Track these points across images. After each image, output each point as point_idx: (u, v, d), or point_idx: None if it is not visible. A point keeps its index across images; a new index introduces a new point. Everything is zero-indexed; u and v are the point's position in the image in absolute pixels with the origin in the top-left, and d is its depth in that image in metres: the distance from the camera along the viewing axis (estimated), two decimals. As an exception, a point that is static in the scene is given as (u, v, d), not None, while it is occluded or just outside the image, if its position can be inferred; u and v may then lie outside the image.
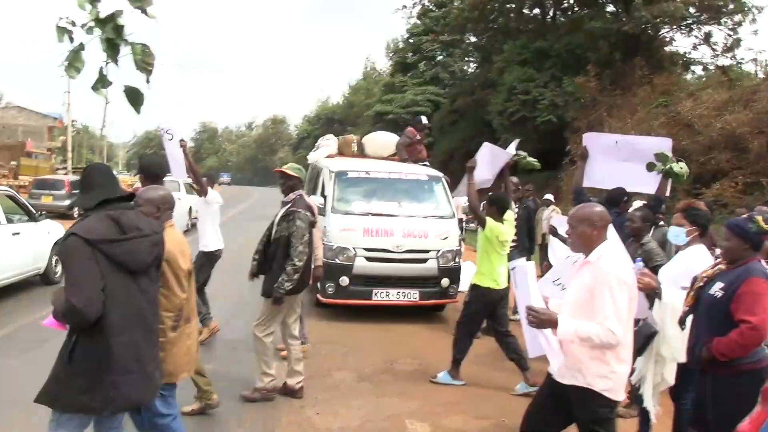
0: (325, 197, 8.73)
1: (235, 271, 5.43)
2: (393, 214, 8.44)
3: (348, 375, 6.26)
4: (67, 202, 20.20)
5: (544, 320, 3.33)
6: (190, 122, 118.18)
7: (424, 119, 10.94)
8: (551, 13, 30.64)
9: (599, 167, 6.25)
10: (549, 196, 11.80)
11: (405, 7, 41.45)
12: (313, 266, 5.75)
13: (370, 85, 62.46)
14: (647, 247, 5.20)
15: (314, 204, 5.91)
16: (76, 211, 20.40)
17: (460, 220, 9.99)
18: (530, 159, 7.13)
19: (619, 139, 6.65)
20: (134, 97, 3.74)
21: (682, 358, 3.88)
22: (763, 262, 3.73)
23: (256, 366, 5.44)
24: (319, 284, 8.28)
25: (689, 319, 3.81)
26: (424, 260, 8.30)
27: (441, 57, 43.58)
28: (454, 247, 8.57)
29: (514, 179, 8.20)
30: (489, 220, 5.98)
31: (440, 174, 9.70)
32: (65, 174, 29.08)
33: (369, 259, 8.16)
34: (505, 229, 6.09)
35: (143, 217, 3.31)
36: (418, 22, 43.17)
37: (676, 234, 4.67)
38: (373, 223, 8.25)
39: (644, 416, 4.42)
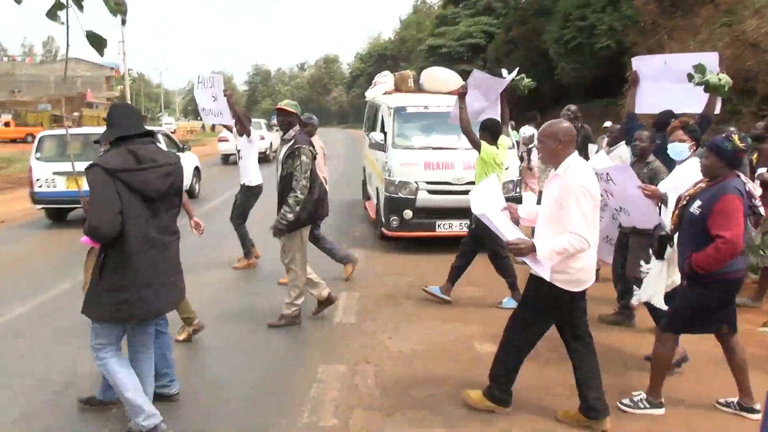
0: (384, 133, 8.88)
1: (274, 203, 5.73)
2: (453, 147, 8.53)
3: (414, 303, 6.53)
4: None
5: (524, 249, 3.64)
6: (243, 66, 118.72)
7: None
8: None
9: (649, 91, 6.15)
10: (608, 124, 11.62)
11: (455, -65, 40.09)
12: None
13: (422, 19, 61.28)
14: (653, 165, 5.32)
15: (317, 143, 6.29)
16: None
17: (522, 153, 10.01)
18: (527, 81, 7.22)
19: (667, 59, 6.42)
20: (97, 42, 3.80)
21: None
22: (744, 178, 3.97)
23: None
24: (383, 218, 8.55)
25: (676, 237, 4.14)
26: (485, 191, 8.39)
27: (493, -15, 42.28)
28: (515, 177, 8.64)
29: (572, 107, 8.18)
30: (483, 144, 6.30)
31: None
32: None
33: (431, 191, 8.32)
34: (500, 152, 6.38)
35: (162, 150, 3.68)
36: (469, -51, 41.82)
37: (680, 150, 4.79)
38: (434, 157, 8.38)
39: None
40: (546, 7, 27.67)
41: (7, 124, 41.36)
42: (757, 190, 4.07)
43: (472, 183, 8.24)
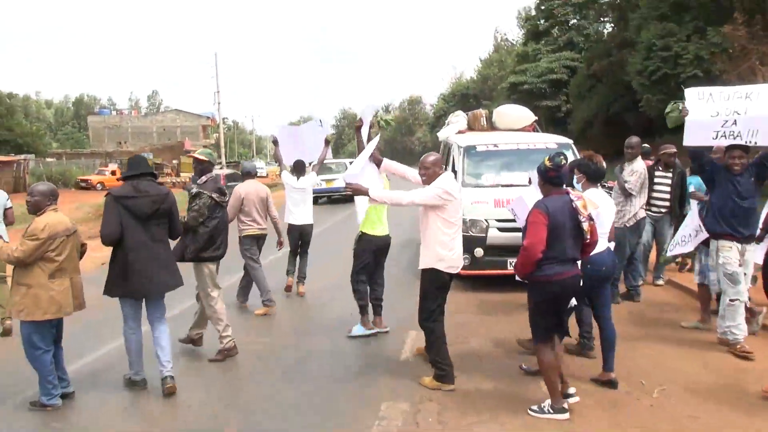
0: (455, 172, 8.97)
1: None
2: (523, 184, 8.47)
3: (483, 341, 6.52)
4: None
5: (356, 188, 5.39)
6: (331, 110, 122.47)
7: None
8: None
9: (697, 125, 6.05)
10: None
11: (534, -27, 40.29)
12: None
13: (503, 57, 61.34)
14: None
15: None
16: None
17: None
18: (388, 116, 7.61)
19: (713, 91, 6.16)
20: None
21: None
22: (574, 195, 4.64)
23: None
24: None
25: None
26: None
27: (574, 20, 42.02)
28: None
29: (671, 148, 8.06)
30: None
31: (569, 141, 9.59)
32: (220, 168, 31.43)
33: (501, 229, 8.30)
34: None
35: (154, 184, 5.30)
36: (549, -14, 41.82)
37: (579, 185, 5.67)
38: (504, 194, 8.37)
39: None
40: (629, 39, 27.19)
41: (113, 173, 44.29)
42: (592, 206, 4.75)
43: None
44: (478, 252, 8.32)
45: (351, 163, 6.70)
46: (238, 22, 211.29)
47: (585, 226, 4.54)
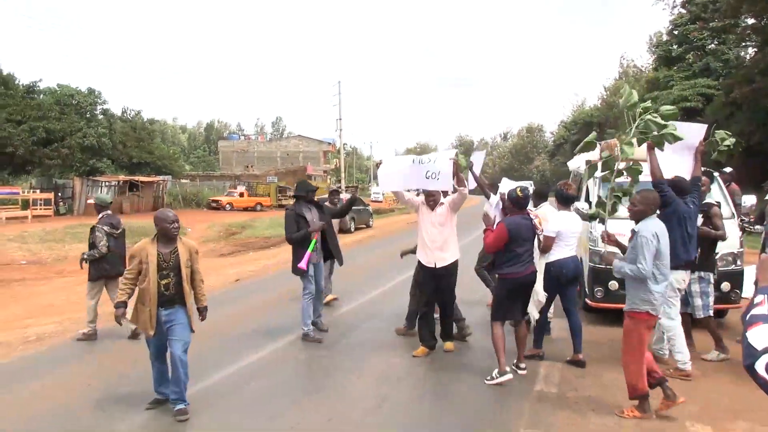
0: (589, 203, 8.80)
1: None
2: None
3: (617, 375, 6.32)
4: (346, 218, 22.79)
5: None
6: (448, 137, 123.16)
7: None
8: None
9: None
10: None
11: (666, -3, 38.85)
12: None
13: (631, 84, 59.33)
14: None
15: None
16: (353, 226, 23.09)
17: (742, 220, 9.28)
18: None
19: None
20: None
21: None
22: (533, 215, 6.57)
23: None
24: (587, 289, 8.41)
25: None
26: (700, 264, 7.93)
27: (712, 45, 39.96)
28: (735, 249, 8.06)
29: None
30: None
31: (711, 170, 9.14)
32: (339, 192, 32.40)
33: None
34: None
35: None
36: (683, 11, 40.17)
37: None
38: (641, 226, 8.11)
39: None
40: (774, 65, 25.59)
41: (241, 195, 46.84)
42: (545, 222, 6.80)
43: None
44: (613, 285, 8.09)
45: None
46: (360, 49, 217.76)
47: (541, 237, 6.66)
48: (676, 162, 6.49)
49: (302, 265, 7.59)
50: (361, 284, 10.23)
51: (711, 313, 6.88)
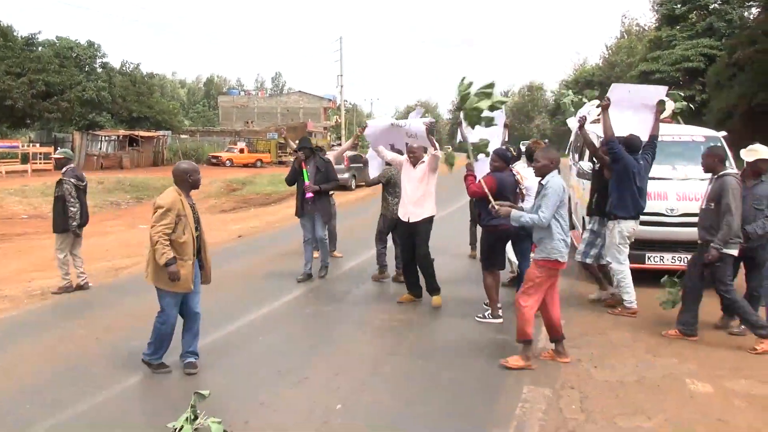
0: (594, 163, 8.77)
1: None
2: (666, 177, 8.22)
3: (623, 334, 6.44)
4: (346, 176, 22.73)
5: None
6: (448, 96, 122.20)
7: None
8: None
9: (614, 116, 6.98)
10: None
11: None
12: None
13: (633, 43, 58.64)
14: None
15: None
16: (354, 184, 23.11)
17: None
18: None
19: (631, 88, 7.58)
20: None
21: None
22: (515, 170, 7.10)
23: None
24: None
25: None
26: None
27: (716, 5, 39.36)
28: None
29: None
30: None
31: (718, 134, 9.13)
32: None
33: (642, 222, 8.02)
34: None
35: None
36: (689, -32, 39.46)
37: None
38: (651, 187, 8.12)
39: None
40: (779, 25, 25.26)
41: (241, 151, 46.59)
42: (524, 179, 7.12)
43: (687, 214, 7.87)
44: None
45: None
46: (362, 5, 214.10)
47: (523, 190, 7.07)
48: (637, 121, 7.18)
49: (308, 195, 8.62)
50: (366, 240, 10.29)
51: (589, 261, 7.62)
